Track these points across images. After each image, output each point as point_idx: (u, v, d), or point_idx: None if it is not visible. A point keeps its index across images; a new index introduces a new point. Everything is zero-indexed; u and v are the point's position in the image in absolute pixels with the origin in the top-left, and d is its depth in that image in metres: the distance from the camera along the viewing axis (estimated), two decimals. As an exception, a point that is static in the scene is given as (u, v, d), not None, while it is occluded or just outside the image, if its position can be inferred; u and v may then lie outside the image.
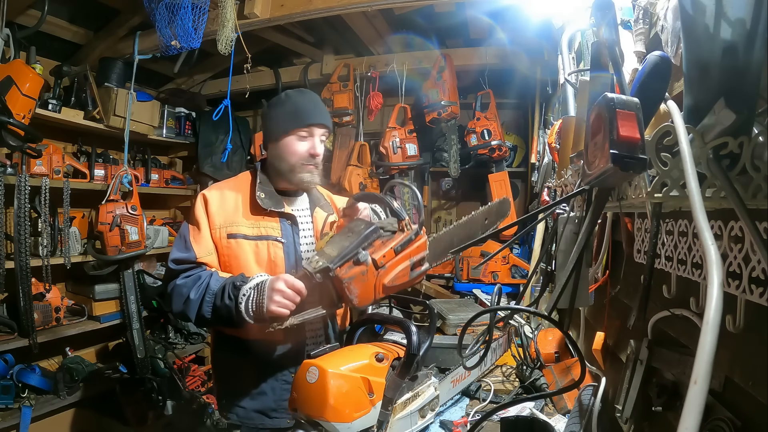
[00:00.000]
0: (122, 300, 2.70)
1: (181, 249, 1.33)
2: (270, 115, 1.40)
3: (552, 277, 1.24)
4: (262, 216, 1.37)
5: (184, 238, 1.35)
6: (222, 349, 1.45)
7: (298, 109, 1.36)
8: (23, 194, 2.20)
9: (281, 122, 1.36)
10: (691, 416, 0.40)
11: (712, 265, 0.45)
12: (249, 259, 1.34)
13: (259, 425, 1.37)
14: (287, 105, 1.38)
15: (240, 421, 1.38)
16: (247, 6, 2.12)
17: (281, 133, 1.36)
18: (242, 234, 1.35)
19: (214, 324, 1.32)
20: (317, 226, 1.46)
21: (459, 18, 2.59)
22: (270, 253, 1.36)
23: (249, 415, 1.36)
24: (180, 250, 1.34)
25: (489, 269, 2.71)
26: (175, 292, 1.30)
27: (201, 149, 3.26)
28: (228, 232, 1.35)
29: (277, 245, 1.37)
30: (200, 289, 1.25)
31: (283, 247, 1.37)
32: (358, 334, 1.40)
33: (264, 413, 1.37)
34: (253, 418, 1.36)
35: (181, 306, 1.27)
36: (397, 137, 2.89)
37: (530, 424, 1.15)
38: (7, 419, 2.14)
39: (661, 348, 0.88)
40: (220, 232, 1.35)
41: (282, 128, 1.36)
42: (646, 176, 0.59)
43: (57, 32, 2.49)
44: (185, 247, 1.33)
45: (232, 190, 1.40)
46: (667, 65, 0.66)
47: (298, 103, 1.38)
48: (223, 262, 1.35)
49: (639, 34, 0.93)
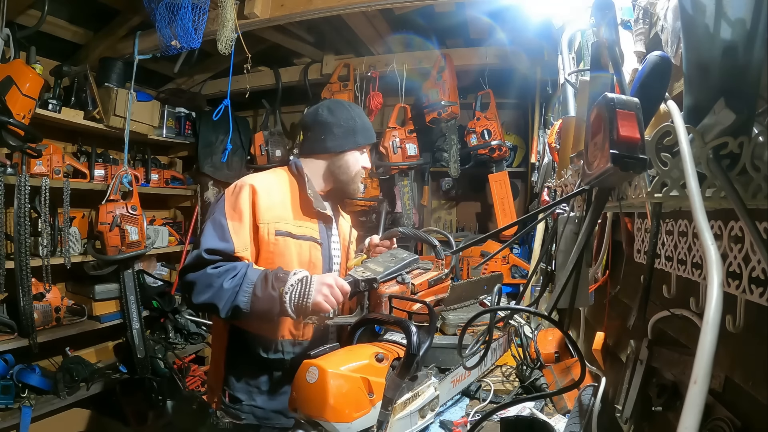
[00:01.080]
0: (122, 300, 2.70)
1: (219, 238, 1.25)
2: (335, 124, 1.42)
3: (552, 277, 1.25)
4: (306, 216, 1.40)
5: (222, 227, 1.26)
6: (242, 348, 1.38)
7: (367, 126, 1.47)
8: (23, 194, 2.20)
9: (351, 136, 1.43)
10: (691, 416, 0.40)
11: (712, 265, 0.44)
12: (292, 258, 1.34)
13: (276, 425, 1.37)
14: (356, 120, 1.44)
15: (258, 422, 1.36)
16: (247, 6, 2.12)
17: (349, 146, 1.43)
18: (288, 232, 1.34)
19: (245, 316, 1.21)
20: (343, 233, 1.54)
21: (459, 18, 2.59)
22: (311, 254, 1.38)
23: (268, 415, 1.36)
24: (217, 239, 1.25)
25: (489, 269, 2.71)
26: (201, 281, 1.21)
27: (201, 149, 3.26)
28: (276, 229, 1.32)
29: (316, 246, 1.39)
30: (236, 278, 1.19)
31: (321, 249, 1.40)
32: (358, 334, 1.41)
33: (283, 413, 1.37)
34: (272, 418, 1.36)
35: (210, 296, 1.19)
36: (397, 137, 2.89)
37: (530, 424, 1.15)
38: (7, 419, 2.13)
39: (661, 348, 0.88)
40: (269, 228, 1.31)
41: (351, 142, 1.43)
42: (646, 176, 0.59)
43: (57, 32, 2.49)
44: (223, 237, 1.25)
45: (277, 185, 1.38)
46: (667, 65, 0.66)
47: (365, 120, 1.48)
48: (264, 258, 1.32)
49: (639, 34, 0.93)
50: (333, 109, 1.44)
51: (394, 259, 1.31)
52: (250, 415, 1.36)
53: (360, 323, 1.42)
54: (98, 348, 2.91)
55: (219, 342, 1.43)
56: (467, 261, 2.76)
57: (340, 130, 1.42)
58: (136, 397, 2.70)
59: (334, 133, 1.42)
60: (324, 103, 1.48)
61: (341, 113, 1.43)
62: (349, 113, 1.44)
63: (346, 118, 1.42)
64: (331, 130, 1.42)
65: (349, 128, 1.42)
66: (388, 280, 1.25)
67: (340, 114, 1.42)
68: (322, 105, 1.47)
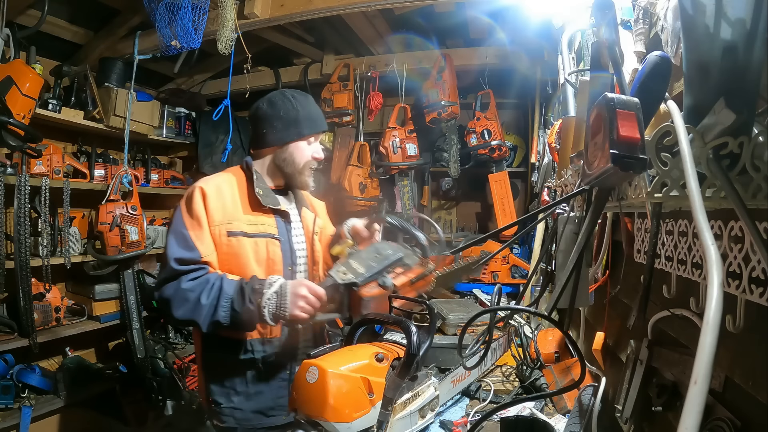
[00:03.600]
0: (122, 300, 2.70)
1: (184, 247, 1.25)
2: (275, 116, 1.39)
3: (552, 277, 1.25)
4: (260, 213, 1.38)
5: (184, 235, 1.27)
6: (214, 352, 1.37)
7: (311, 116, 1.42)
8: (23, 194, 2.20)
9: (292, 127, 1.39)
10: (691, 416, 0.40)
11: (712, 265, 0.45)
12: (249, 257, 1.33)
13: (257, 425, 1.36)
14: (299, 110, 1.40)
15: (238, 424, 1.35)
16: (247, 6, 2.12)
17: (292, 137, 1.40)
18: (242, 231, 1.33)
19: (226, 328, 1.24)
20: (307, 225, 1.49)
21: (459, 18, 2.59)
22: (269, 250, 1.36)
23: (247, 416, 1.35)
24: (182, 248, 1.25)
25: (489, 269, 2.70)
26: (178, 296, 1.22)
27: (201, 149, 3.26)
28: (228, 230, 1.31)
29: (274, 242, 1.37)
30: (212, 292, 1.20)
31: (280, 245, 1.38)
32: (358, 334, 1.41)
33: (262, 413, 1.36)
34: (251, 419, 1.35)
35: (189, 312, 1.21)
36: (397, 137, 2.89)
37: (530, 424, 1.15)
38: (7, 419, 2.13)
39: (661, 348, 0.88)
40: (220, 230, 1.31)
41: (293, 133, 1.39)
42: (646, 176, 0.59)
43: (57, 32, 2.49)
44: (187, 246, 1.26)
45: (227, 185, 1.37)
46: (667, 65, 0.66)
47: (309, 109, 1.42)
48: (221, 260, 1.32)
49: (639, 34, 0.93)
50: (273, 101, 1.41)
51: (378, 257, 1.28)
52: (230, 417, 1.35)
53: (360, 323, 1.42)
54: (98, 348, 2.91)
55: (197, 347, 1.43)
56: (467, 261, 2.75)
57: (280, 123, 1.39)
58: (136, 397, 2.69)
59: (275, 125, 1.39)
60: (266, 96, 1.44)
61: (282, 105, 1.39)
62: (290, 103, 1.39)
63: (287, 110, 1.39)
64: (272, 123, 1.39)
65: (291, 119, 1.39)
66: (369, 282, 1.22)
67: (280, 105, 1.39)
68: (264, 98, 1.44)
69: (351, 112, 3.02)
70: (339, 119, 3.04)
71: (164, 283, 1.25)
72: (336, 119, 3.04)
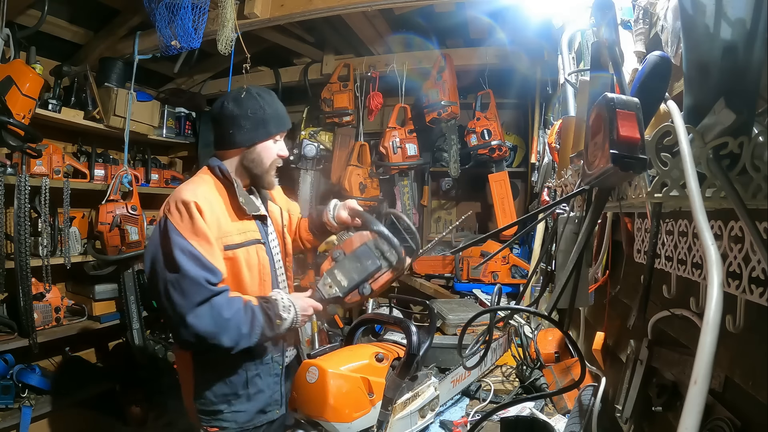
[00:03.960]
0: (122, 300, 2.70)
1: (203, 269, 1.19)
2: (241, 116, 1.33)
3: (552, 277, 1.24)
4: (244, 219, 1.36)
5: (196, 257, 1.19)
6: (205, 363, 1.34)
7: (278, 114, 1.39)
8: (23, 194, 2.20)
9: (261, 127, 1.35)
10: (691, 416, 0.40)
11: (712, 265, 0.45)
12: (242, 266, 1.32)
13: (257, 424, 1.37)
14: (265, 109, 1.35)
15: (240, 427, 1.34)
16: (247, 6, 2.12)
17: (260, 137, 1.36)
18: (235, 243, 1.31)
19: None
20: (276, 220, 1.51)
21: (459, 18, 2.59)
22: (259, 256, 1.36)
23: (251, 417, 1.36)
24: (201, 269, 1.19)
25: (489, 269, 2.70)
26: (222, 326, 1.19)
27: (201, 149, 3.26)
28: (224, 244, 1.28)
29: (260, 247, 1.38)
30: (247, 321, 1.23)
31: (264, 248, 1.39)
32: (358, 334, 1.41)
33: (262, 411, 1.39)
34: (254, 419, 1.37)
35: (235, 339, 1.22)
36: (397, 137, 2.89)
37: (530, 424, 1.15)
38: (7, 419, 2.13)
39: (661, 348, 0.88)
40: (218, 244, 1.26)
41: (262, 133, 1.35)
42: (646, 176, 0.59)
43: (57, 32, 2.49)
44: (205, 267, 1.20)
45: (213, 196, 1.31)
46: (667, 65, 0.66)
47: (276, 107, 1.39)
48: None
49: (639, 34, 0.93)
50: (239, 99, 1.34)
51: (359, 267, 1.38)
52: (233, 423, 1.34)
53: (360, 323, 1.43)
54: (98, 348, 2.91)
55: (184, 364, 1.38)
56: (467, 261, 2.75)
57: (248, 122, 1.33)
58: (136, 397, 2.69)
59: (242, 125, 1.33)
60: (230, 94, 1.37)
61: (248, 103, 1.33)
62: (257, 102, 1.34)
63: (254, 109, 1.33)
64: (239, 122, 1.33)
65: (259, 119, 1.34)
66: (351, 292, 1.38)
67: (247, 104, 1.33)
68: (228, 96, 1.36)
69: (351, 112, 3.01)
70: (339, 119, 3.04)
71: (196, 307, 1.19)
72: (336, 119, 3.04)
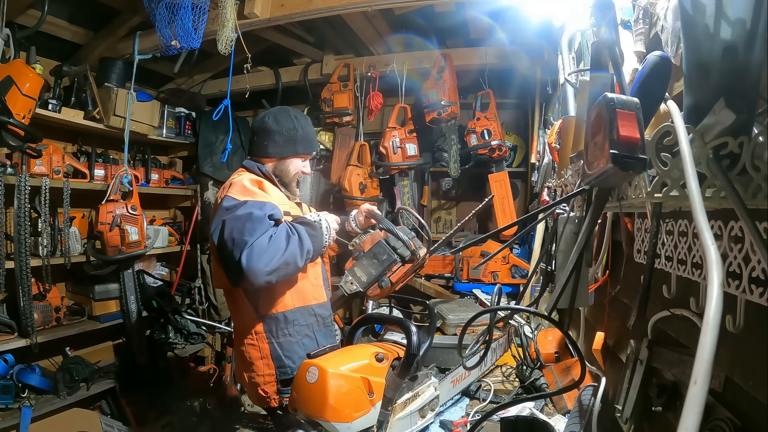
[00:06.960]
0: (122, 300, 2.70)
1: (266, 210, 1.35)
2: (278, 132, 1.55)
3: (552, 277, 1.25)
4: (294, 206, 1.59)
5: (259, 206, 1.34)
6: (287, 334, 1.47)
7: (308, 138, 1.60)
8: (23, 194, 2.20)
9: (290, 145, 1.57)
10: (691, 416, 0.40)
11: (712, 265, 0.45)
12: None
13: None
14: (298, 131, 1.56)
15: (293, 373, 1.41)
16: (247, 6, 2.12)
17: (288, 153, 1.57)
18: (291, 215, 1.49)
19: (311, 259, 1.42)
20: None
21: (459, 18, 2.59)
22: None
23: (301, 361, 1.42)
24: (267, 210, 1.35)
25: (489, 269, 2.70)
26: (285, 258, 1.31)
27: (201, 149, 3.26)
28: (284, 211, 1.45)
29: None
30: (303, 234, 1.37)
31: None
32: (358, 334, 1.41)
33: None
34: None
35: (298, 252, 1.34)
36: (397, 137, 2.89)
37: (530, 424, 1.15)
38: (7, 419, 2.13)
39: (661, 348, 0.88)
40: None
41: (290, 150, 1.57)
42: (646, 176, 0.60)
43: (57, 32, 2.49)
44: (266, 212, 1.34)
45: (263, 181, 1.52)
46: (667, 65, 0.66)
47: (308, 131, 1.61)
48: None
49: (639, 34, 0.93)
50: (278, 118, 1.56)
51: (375, 263, 1.50)
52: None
53: (360, 323, 1.42)
54: (98, 348, 2.91)
55: (254, 349, 1.48)
56: (467, 261, 2.75)
57: (281, 138, 1.55)
58: (136, 397, 2.69)
59: (276, 140, 1.55)
60: (272, 111, 1.59)
61: (285, 123, 1.55)
62: (293, 123, 1.56)
63: (288, 128, 1.55)
64: (274, 137, 1.55)
65: (290, 137, 1.56)
66: (371, 286, 1.50)
67: (284, 123, 1.55)
68: (270, 113, 1.59)
69: (351, 112, 3.01)
70: (339, 119, 3.04)
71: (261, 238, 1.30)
72: (336, 119, 3.04)
